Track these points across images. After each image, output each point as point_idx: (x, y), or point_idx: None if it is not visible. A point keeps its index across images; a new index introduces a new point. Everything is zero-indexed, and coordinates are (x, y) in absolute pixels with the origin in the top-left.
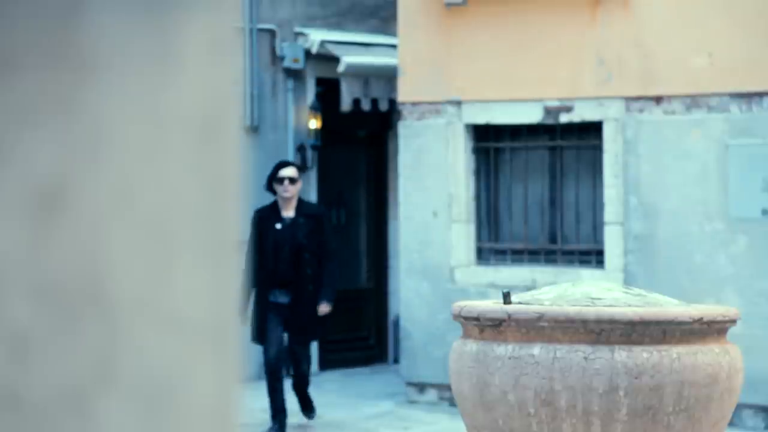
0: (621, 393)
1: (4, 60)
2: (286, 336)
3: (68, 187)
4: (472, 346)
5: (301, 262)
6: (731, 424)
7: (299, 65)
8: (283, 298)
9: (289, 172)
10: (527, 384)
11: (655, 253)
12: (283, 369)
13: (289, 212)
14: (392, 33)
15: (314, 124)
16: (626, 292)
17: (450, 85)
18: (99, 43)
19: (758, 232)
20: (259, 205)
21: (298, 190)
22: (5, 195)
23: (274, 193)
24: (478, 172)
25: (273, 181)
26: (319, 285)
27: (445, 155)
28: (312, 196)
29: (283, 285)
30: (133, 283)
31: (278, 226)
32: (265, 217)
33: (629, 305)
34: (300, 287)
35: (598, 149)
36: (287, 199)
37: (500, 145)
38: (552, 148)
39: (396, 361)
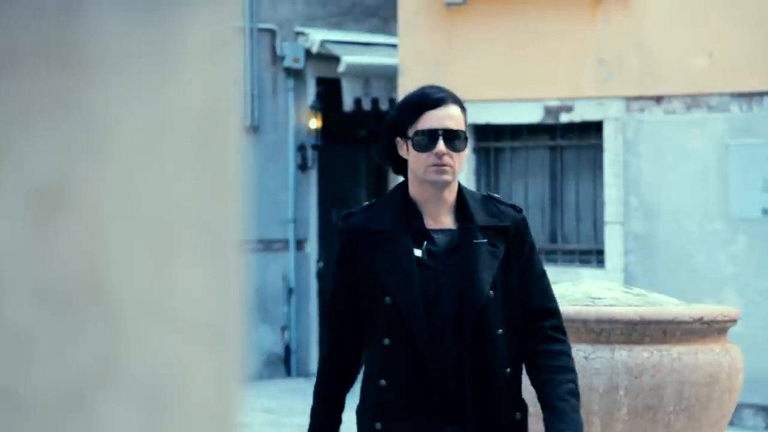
0: (621, 392)
1: (3, 59)
2: None
3: (68, 187)
4: None
5: (488, 348)
6: (731, 423)
7: (299, 65)
8: None
9: (447, 117)
10: (527, 383)
11: (656, 252)
12: None
13: (442, 219)
14: (392, 32)
15: (315, 123)
16: (626, 292)
17: (450, 85)
18: (99, 43)
19: (758, 231)
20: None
21: (462, 165)
22: (5, 195)
23: (400, 171)
24: (478, 172)
25: (402, 139)
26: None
27: None
28: (312, 197)
29: (447, 414)
30: (133, 283)
31: (420, 253)
32: (375, 238)
33: (629, 305)
34: (488, 417)
35: (599, 149)
36: (441, 187)
37: (500, 144)
38: (552, 148)
39: None
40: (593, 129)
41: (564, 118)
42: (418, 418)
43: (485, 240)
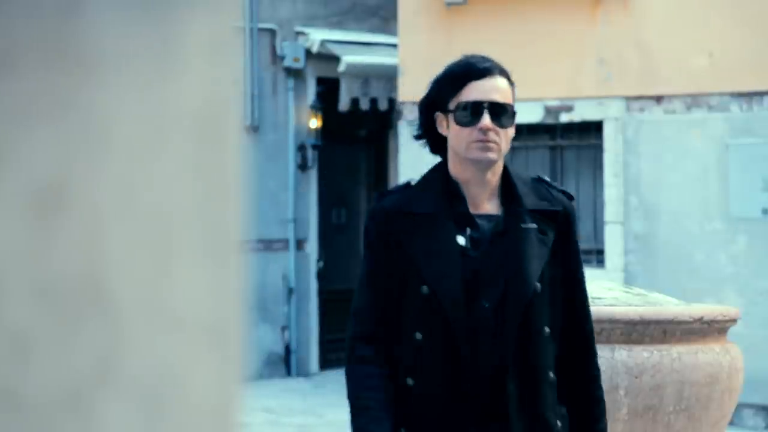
0: (621, 392)
1: (3, 59)
2: None
3: (68, 187)
4: None
5: (533, 348)
6: (731, 423)
7: (300, 65)
8: None
9: (494, 90)
10: None
11: (656, 252)
12: None
13: (486, 204)
14: (392, 32)
15: (315, 123)
16: (626, 292)
17: None
18: (99, 43)
19: (758, 231)
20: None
21: (509, 144)
22: (5, 195)
23: (438, 151)
24: None
25: (442, 113)
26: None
27: None
28: (312, 197)
29: (479, 419)
30: (133, 283)
31: (463, 241)
32: (413, 221)
33: (629, 305)
34: (526, 426)
35: (599, 149)
36: (485, 167)
37: None
38: (552, 148)
39: None
40: (593, 129)
41: (564, 118)
42: (446, 423)
43: (534, 225)
